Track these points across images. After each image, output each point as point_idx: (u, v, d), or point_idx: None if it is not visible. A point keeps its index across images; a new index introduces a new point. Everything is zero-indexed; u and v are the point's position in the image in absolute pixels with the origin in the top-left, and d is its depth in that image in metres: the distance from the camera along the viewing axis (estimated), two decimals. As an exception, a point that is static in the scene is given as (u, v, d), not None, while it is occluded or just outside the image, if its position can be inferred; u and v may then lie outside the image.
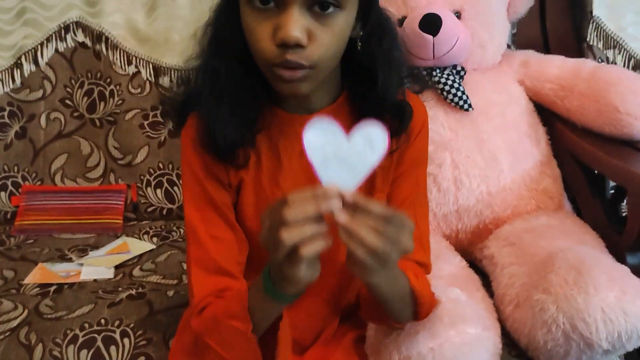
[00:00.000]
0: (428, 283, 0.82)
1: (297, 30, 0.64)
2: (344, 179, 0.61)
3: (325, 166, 0.61)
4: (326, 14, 0.67)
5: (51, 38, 1.39)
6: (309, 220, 0.58)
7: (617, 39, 1.43)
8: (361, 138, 0.62)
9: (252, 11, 0.68)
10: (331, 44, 0.69)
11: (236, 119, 0.75)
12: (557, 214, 1.17)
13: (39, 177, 1.40)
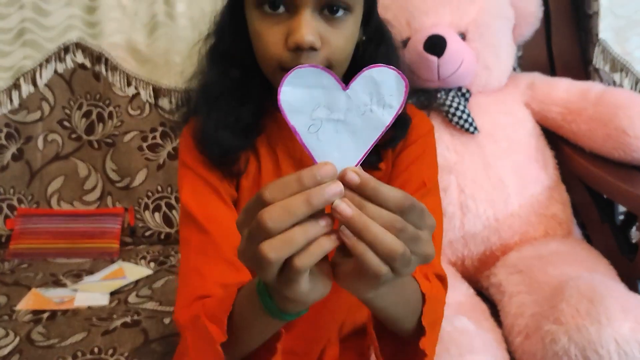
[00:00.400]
0: (443, 291, 0.75)
1: (311, 34, 0.64)
2: (344, 150, 0.46)
3: (314, 134, 0.45)
4: (336, 17, 0.67)
5: (50, 59, 1.37)
6: (299, 221, 0.43)
7: (623, 62, 1.41)
8: (366, 89, 0.46)
9: (262, 16, 0.68)
10: (343, 46, 0.69)
11: (230, 125, 0.74)
12: (567, 240, 1.14)
13: (35, 199, 1.37)
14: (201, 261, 0.73)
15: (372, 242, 0.44)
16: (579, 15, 1.47)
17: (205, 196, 0.75)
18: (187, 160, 0.77)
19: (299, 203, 0.43)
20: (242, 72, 0.75)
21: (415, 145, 0.81)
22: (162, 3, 1.38)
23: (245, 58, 0.73)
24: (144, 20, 1.38)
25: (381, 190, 0.44)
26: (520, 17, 1.24)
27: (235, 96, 0.75)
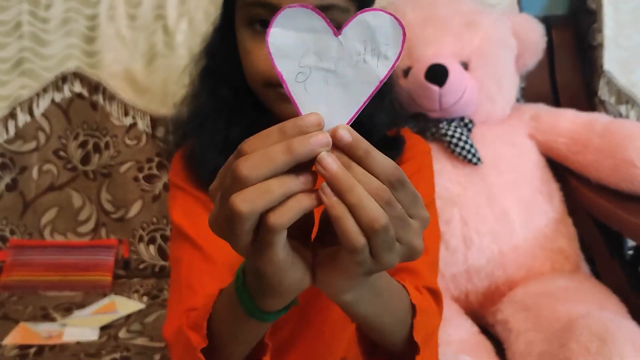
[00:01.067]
0: (434, 305, 0.70)
1: None
2: (333, 105, 0.41)
3: (302, 84, 0.41)
4: None
5: (48, 88, 1.36)
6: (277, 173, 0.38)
7: (629, 94, 1.39)
8: (359, 36, 0.41)
9: (251, 34, 0.69)
10: None
11: (218, 145, 0.74)
12: (575, 275, 1.10)
13: (28, 231, 1.34)
14: (193, 277, 0.71)
15: (354, 205, 0.39)
16: (582, 47, 1.46)
17: (197, 213, 0.74)
18: (177, 181, 0.77)
19: (278, 150, 0.38)
20: (232, 91, 0.75)
21: (411, 162, 0.80)
22: (162, 33, 1.37)
23: (235, 78, 0.74)
24: (142, 50, 1.37)
25: (373, 154, 0.40)
26: (523, 47, 1.23)
27: (224, 116, 0.75)
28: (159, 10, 1.38)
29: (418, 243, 0.42)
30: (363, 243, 0.39)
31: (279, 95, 0.69)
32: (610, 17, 1.40)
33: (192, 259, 0.72)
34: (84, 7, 1.38)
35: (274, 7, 0.66)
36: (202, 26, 1.36)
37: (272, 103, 0.71)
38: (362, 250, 0.40)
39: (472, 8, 1.20)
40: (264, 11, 0.67)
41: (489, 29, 1.17)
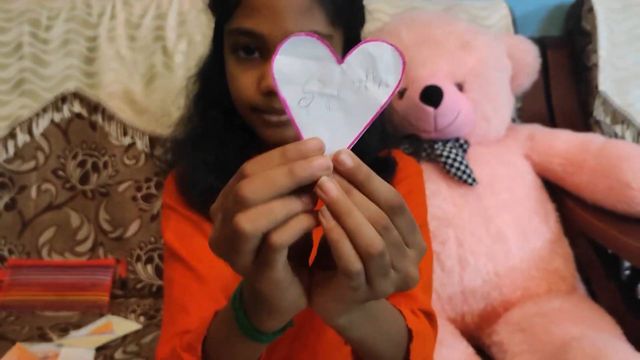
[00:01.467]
0: (430, 328, 0.70)
1: None
2: (335, 130, 0.42)
3: (304, 109, 0.42)
4: None
5: (47, 108, 1.37)
6: (280, 196, 0.39)
7: (625, 114, 1.40)
8: (362, 64, 0.43)
9: (237, 61, 0.70)
10: None
11: (210, 165, 0.75)
12: (570, 296, 1.09)
13: (26, 250, 1.34)
14: (186, 298, 0.71)
15: (352, 230, 0.39)
16: (577, 67, 1.47)
17: (189, 234, 0.75)
18: (169, 202, 0.78)
19: (281, 173, 0.39)
20: (223, 114, 0.77)
21: (403, 184, 0.81)
22: (161, 54, 1.39)
23: (226, 101, 0.75)
24: (142, 70, 1.39)
25: (374, 180, 0.41)
26: (518, 68, 1.23)
27: (216, 137, 0.77)
28: (159, 32, 1.40)
29: (413, 272, 0.43)
30: (359, 268, 0.40)
31: (264, 121, 0.70)
32: (605, 38, 1.41)
33: (184, 279, 0.73)
34: (84, 28, 1.39)
35: (256, 35, 0.67)
36: (201, 47, 1.37)
37: (258, 127, 0.72)
38: (357, 275, 0.40)
39: (466, 29, 1.21)
40: (246, 39, 0.68)
41: (484, 51, 1.18)
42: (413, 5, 1.42)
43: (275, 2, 0.65)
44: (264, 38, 0.67)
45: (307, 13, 0.67)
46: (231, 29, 0.69)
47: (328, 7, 0.68)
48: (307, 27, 0.67)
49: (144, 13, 1.42)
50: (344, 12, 0.70)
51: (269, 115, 0.69)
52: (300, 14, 0.66)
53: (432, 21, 1.21)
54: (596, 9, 1.43)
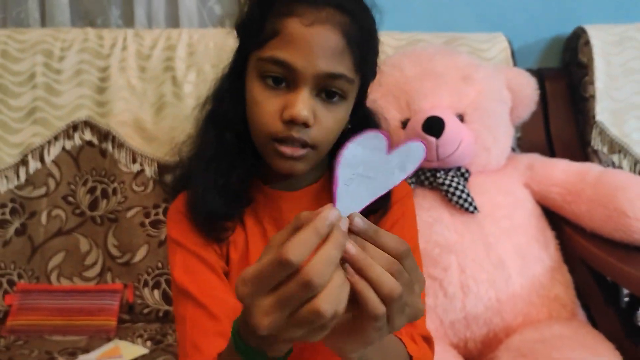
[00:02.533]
0: (429, 353, 0.74)
1: (306, 110, 0.69)
2: (355, 198, 0.50)
3: (348, 186, 0.50)
4: (331, 102, 0.72)
5: (59, 136, 1.40)
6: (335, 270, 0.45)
7: (621, 144, 1.43)
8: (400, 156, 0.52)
9: (263, 87, 0.72)
10: (333, 128, 0.73)
11: (218, 188, 0.77)
12: (571, 323, 1.12)
13: (35, 275, 1.36)
14: (198, 336, 0.72)
15: (374, 280, 0.46)
16: (575, 98, 1.51)
17: (198, 271, 0.76)
18: (176, 236, 0.79)
19: (335, 252, 0.45)
20: (235, 137, 0.78)
21: (395, 207, 0.83)
22: (170, 84, 1.43)
23: (240, 124, 0.77)
24: (151, 99, 1.43)
25: (381, 234, 0.48)
26: (517, 99, 1.28)
27: (227, 159, 0.78)
28: (168, 62, 1.44)
29: (420, 305, 0.50)
30: (383, 311, 0.46)
31: (278, 152, 0.72)
32: (601, 70, 1.45)
33: (196, 317, 0.74)
34: (96, 59, 1.44)
35: (290, 67, 0.69)
36: (210, 77, 1.41)
37: (271, 157, 0.74)
38: (382, 317, 0.47)
39: (467, 63, 1.25)
40: (278, 68, 0.70)
41: (484, 83, 1.22)
42: (416, 38, 1.47)
43: (313, 40, 0.68)
44: (297, 71, 0.69)
45: (340, 56, 0.70)
46: (264, 57, 0.71)
47: (356, 54, 0.71)
48: (337, 69, 0.70)
49: (154, 44, 1.46)
50: (365, 62, 0.74)
51: (285, 146, 0.71)
52: (333, 55, 0.69)
53: (434, 54, 1.25)
54: (592, 42, 1.47)
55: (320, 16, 0.69)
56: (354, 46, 0.71)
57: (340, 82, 0.71)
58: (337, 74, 0.70)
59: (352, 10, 0.72)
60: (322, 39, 0.69)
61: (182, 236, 0.78)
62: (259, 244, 0.80)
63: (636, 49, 1.48)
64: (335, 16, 0.70)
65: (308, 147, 0.71)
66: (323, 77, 0.69)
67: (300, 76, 0.69)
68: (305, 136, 0.70)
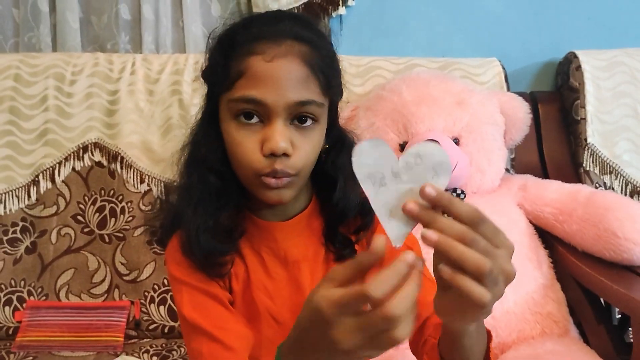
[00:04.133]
0: None
1: (284, 141, 0.71)
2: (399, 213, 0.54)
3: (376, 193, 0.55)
4: (305, 127, 0.74)
5: (69, 157, 1.45)
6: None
7: (613, 165, 1.48)
8: (416, 157, 0.55)
9: (238, 126, 0.74)
10: (311, 153, 0.76)
11: (210, 229, 0.78)
12: (563, 339, 1.15)
13: (44, 292, 1.40)
14: None
15: (459, 259, 0.50)
16: (567, 120, 1.56)
17: (207, 306, 0.78)
18: (178, 274, 0.80)
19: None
20: (218, 178, 0.79)
21: None
22: (177, 107, 1.48)
23: (221, 166, 0.78)
24: (159, 122, 1.48)
25: (454, 203, 0.52)
26: (510, 123, 1.33)
27: (213, 202, 0.79)
28: (175, 86, 1.50)
29: (509, 267, 0.53)
30: (490, 297, 0.50)
31: (264, 184, 0.74)
32: (591, 94, 1.51)
33: (213, 351, 0.75)
34: (105, 83, 1.49)
35: (259, 102, 0.72)
36: (214, 101, 1.47)
37: (258, 190, 0.76)
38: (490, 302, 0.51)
39: (462, 88, 1.30)
40: (250, 106, 0.73)
41: (478, 108, 1.27)
42: (412, 63, 1.53)
43: (277, 74, 0.71)
44: (268, 106, 0.72)
45: (305, 83, 0.73)
46: (234, 98, 0.73)
47: (320, 79, 0.74)
48: (305, 96, 0.73)
49: (162, 69, 1.52)
50: (330, 84, 0.77)
51: (269, 179, 0.73)
52: (299, 84, 0.72)
53: (430, 80, 1.31)
54: (583, 67, 1.53)
55: (280, 50, 0.72)
56: (318, 71, 0.74)
57: (310, 108, 0.74)
58: (306, 101, 0.73)
59: (309, 38, 0.75)
60: (286, 71, 0.72)
61: (185, 274, 0.79)
62: (259, 273, 0.83)
63: (625, 74, 1.53)
64: (294, 47, 0.73)
65: (292, 176, 0.74)
66: (293, 106, 0.72)
67: (272, 110, 0.72)
68: (287, 167, 0.73)
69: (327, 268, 0.84)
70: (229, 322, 0.78)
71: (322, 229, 0.84)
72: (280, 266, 0.83)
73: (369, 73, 1.50)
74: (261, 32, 0.74)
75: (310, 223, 0.83)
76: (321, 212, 0.85)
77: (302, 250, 0.83)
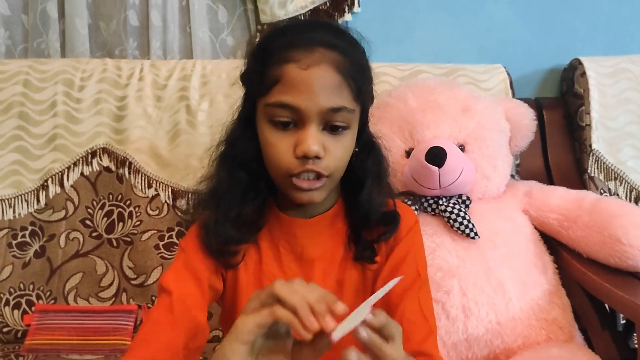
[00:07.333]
0: None
1: (316, 145, 0.76)
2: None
3: None
4: (337, 133, 0.79)
5: (78, 162, 1.47)
6: None
7: (617, 172, 1.49)
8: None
9: (274, 129, 0.79)
10: (342, 156, 0.80)
11: (231, 219, 0.83)
12: (568, 345, 1.16)
13: (53, 295, 1.42)
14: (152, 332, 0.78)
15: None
16: (572, 127, 1.57)
17: (186, 282, 0.82)
18: (186, 245, 0.86)
19: None
20: (248, 175, 0.85)
21: (405, 240, 0.89)
22: (185, 112, 1.50)
23: (253, 164, 0.84)
24: (167, 127, 1.49)
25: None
26: (516, 129, 1.33)
27: (239, 196, 0.85)
28: (183, 92, 1.51)
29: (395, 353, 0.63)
30: None
31: (295, 186, 0.79)
32: (596, 100, 1.52)
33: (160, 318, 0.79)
34: (114, 88, 1.51)
35: (293, 107, 0.76)
36: (222, 106, 1.49)
37: (290, 190, 0.81)
38: None
39: (467, 95, 1.31)
40: (284, 111, 0.77)
41: (483, 114, 1.28)
42: (418, 69, 1.54)
43: (312, 81, 0.75)
44: (301, 111, 0.76)
45: (338, 90, 0.77)
46: (270, 102, 0.78)
47: (352, 87, 0.78)
48: (337, 102, 0.77)
49: (169, 75, 1.53)
50: (362, 91, 0.81)
51: (301, 181, 0.78)
52: (332, 91, 0.76)
53: (435, 87, 1.32)
54: (588, 73, 1.54)
55: (314, 58, 0.76)
56: (349, 79, 0.78)
57: (342, 114, 0.78)
58: (338, 107, 0.77)
59: (342, 46, 0.78)
60: (320, 79, 0.76)
61: (191, 248, 0.85)
62: (272, 266, 0.86)
63: (630, 80, 1.54)
64: (327, 55, 0.77)
65: (323, 177, 0.78)
66: (326, 112, 0.76)
67: (305, 115, 0.76)
68: (318, 167, 0.77)
69: (342, 269, 0.87)
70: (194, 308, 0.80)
71: (345, 230, 0.88)
72: (295, 262, 0.87)
73: (375, 79, 1.45)
74: (296, 40, 0.78)
75: (334, 223, 0.88)
76: (346, 214, 0.89)
77: (319, 249, 0.86)
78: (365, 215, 0.87)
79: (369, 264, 0.88)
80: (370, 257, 0.88)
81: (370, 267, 0.88)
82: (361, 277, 0.89)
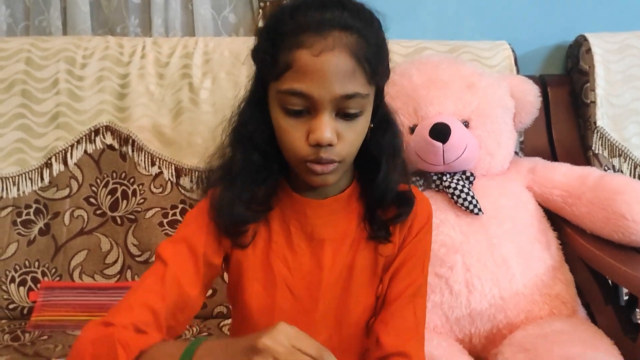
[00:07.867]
0: None
1: (329, 132, 0.74)
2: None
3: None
4: (350, 119, 0.77)
5: (81, 140, 1.47)
6: None
7: (622, 148, 1.48)
8: None
9: (287, 116, 0.76)
10: (355, 140, 0.79)
11: (244, 200, 0.82)
12: (571, 319, 1.16)
13: (58, 272, 1.42)
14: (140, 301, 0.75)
15: None
16: (577, 104, 1.56)
17: (183, 256, 0.80)
18: (192, 219, 0.84)
19: None
20: (261, 156, 0.83)
21: (418, 238, 0.88)
22: (187, 90, 1.49)
23: (267, 146, 0.82)
24: (169, 105, 1.49)
25: None
26: (520, 106, 1.33)
27: (253, 177, 0.83)
28: (185, 70, 1.50)
29: None
30: None
31: (309, 170, 0.77)
32: (601, 77, 1.51)
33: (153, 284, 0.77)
34: (116, 66, 1.50)
35: (306, 95, 0.74)
36: (225, 84, 1.49)
37: (304, 174, 0.79)
38: None
39: (471, 71, 1.31)
40: (296, 99, 0.74)
41: (488, 91, 1.28)
42: (422, 46, 1.53)
43: (323, 69, 0.72)
44: (314, 99, 0.73)
45: (352, 76, 0.74)
46: (282, 89, 0.75)
47: (367, 70, 0.75)
48: (351, 89, 0.74)
49: (171, 52, 1.53)
50: (377, 71, 0.77)
51: (315, 165, 0.76)
52: (345, 77, 0.73)
53: (439, 64, 1.31)
54: (593, 50, 1.53)
55: (327, 43, 0.72)
56: (364, 62, 0.74)
57: (356, 100, 0.75)
58: (352, 94, 0.74)
59: (357, 27, 0.75)
60: (333, 66, 0.72)
61: (197, 223, 0.83)
62: (282, 244, 0.86)
63: (636, 57, 1.53)
64: (341, 39, 0.73)
65: (336, 162, 0.77)
66: (339, 99, 0.74)
67: (318, 103, 0.74)
68: (332, 155, 0.75)
69: (353, 251, 0.86)
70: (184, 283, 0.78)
71: (359, 209, 0.87)
72: (305, 241, 0.86)
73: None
74: (307, 21, 0.74)
75: (349, 204, 0.87)
76: (361, 193, 0.88)
77: (330, 230, 0.86)
78: (382, 195, 0.86)
79: (381, 250, 0.87)
80: (385, 237, 0.87)
81: (382, 253, 0.87)
82: (372, 262, 0.88)
